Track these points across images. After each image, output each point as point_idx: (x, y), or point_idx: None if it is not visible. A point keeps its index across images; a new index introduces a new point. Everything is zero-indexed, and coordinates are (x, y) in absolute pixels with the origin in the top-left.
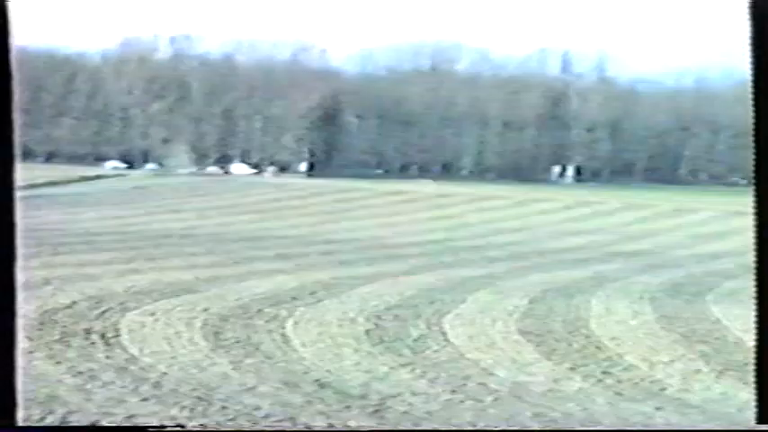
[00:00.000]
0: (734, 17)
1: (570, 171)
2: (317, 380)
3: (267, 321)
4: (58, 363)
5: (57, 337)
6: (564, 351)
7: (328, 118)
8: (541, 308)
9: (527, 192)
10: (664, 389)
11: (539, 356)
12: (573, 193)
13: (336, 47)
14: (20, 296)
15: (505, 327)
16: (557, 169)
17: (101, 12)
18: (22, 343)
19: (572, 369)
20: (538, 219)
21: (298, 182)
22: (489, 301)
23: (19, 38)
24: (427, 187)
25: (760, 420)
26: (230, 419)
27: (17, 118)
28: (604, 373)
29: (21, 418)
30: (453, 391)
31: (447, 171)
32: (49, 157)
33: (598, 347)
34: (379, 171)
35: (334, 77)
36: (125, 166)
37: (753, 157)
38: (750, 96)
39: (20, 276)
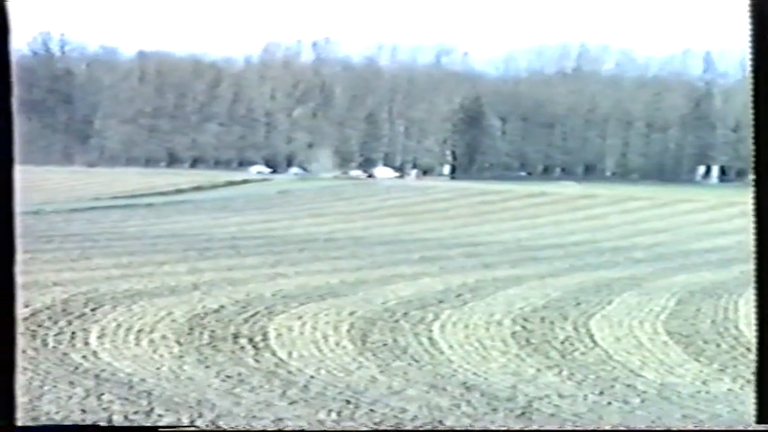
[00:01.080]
0: None
1: (715, 171)
2: (463, 382)
3: (414, 324)
4: (207, 367)
5: (206, 342)
6: (712, 352)
7: (471, 121)
8: (689, 309)
9: (671, 192)
10: None
11: (687, 358)
12: (718, 194)
13: (479, 49)
14: (168, 301)
15: (652, 328)
16: (701, 170)
17: (244, 17)
18: (170, 348)
19: (721, 370)
20: (682, 219)
21: (440, 184)
22: (635, 302)
23: (165, 44)
24: (570, 189)
25: (760, 420)
26: (377, 422)
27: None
28: (755, 374)
29: (166, 421)
30: (601, 393)
31: (590, 172)
32: (195, 163)
33: (748, 348)
34: (522, 173)
35: (476, 80)
36: (269, 170)
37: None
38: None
39: (169, 280)
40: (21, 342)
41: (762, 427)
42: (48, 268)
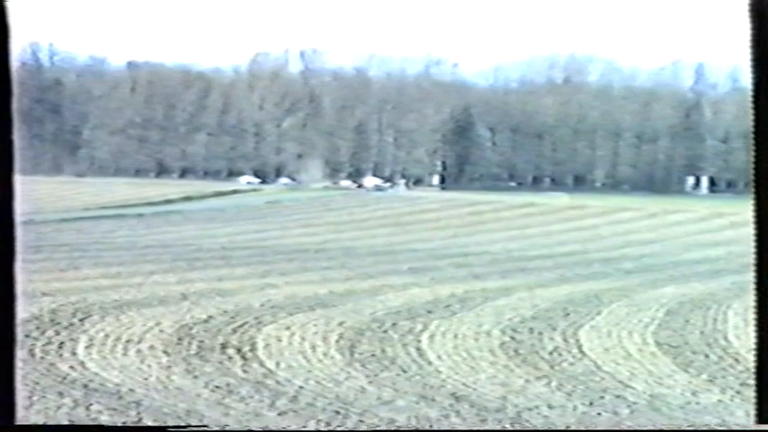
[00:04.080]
0: None
1: (704, 182)
2: (453, 393)
3: (402, 335)
4: (195, 377)
5: (194, 352)
6: (701, 363)
7: (460, 131)
8: (678, 320)
9: (661, 203)
10: None
11: (676, 368)
12: (707, 205)
13: (468, 60)
14: (157, 311)
15: (642, 339)
16: (691, 180)
17: (232, 28)
18: (158, 358)
19: (710, 381)
20: (672, 230)
21: (430, 195)
22: (624, 313)
23: (155, 54)
24: (560, 200)
25: (760, 420)
26: None
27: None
28: (743, 385)
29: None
30: (590, 404)
31: (580, 183)
32: (184, 173)
33: (736, 359)
34: (512, 184)
35: (466, 91)
36: (258, 180)
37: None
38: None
39: (158, 290)
40: None
41: (762, 427)
42: (36, 278)
